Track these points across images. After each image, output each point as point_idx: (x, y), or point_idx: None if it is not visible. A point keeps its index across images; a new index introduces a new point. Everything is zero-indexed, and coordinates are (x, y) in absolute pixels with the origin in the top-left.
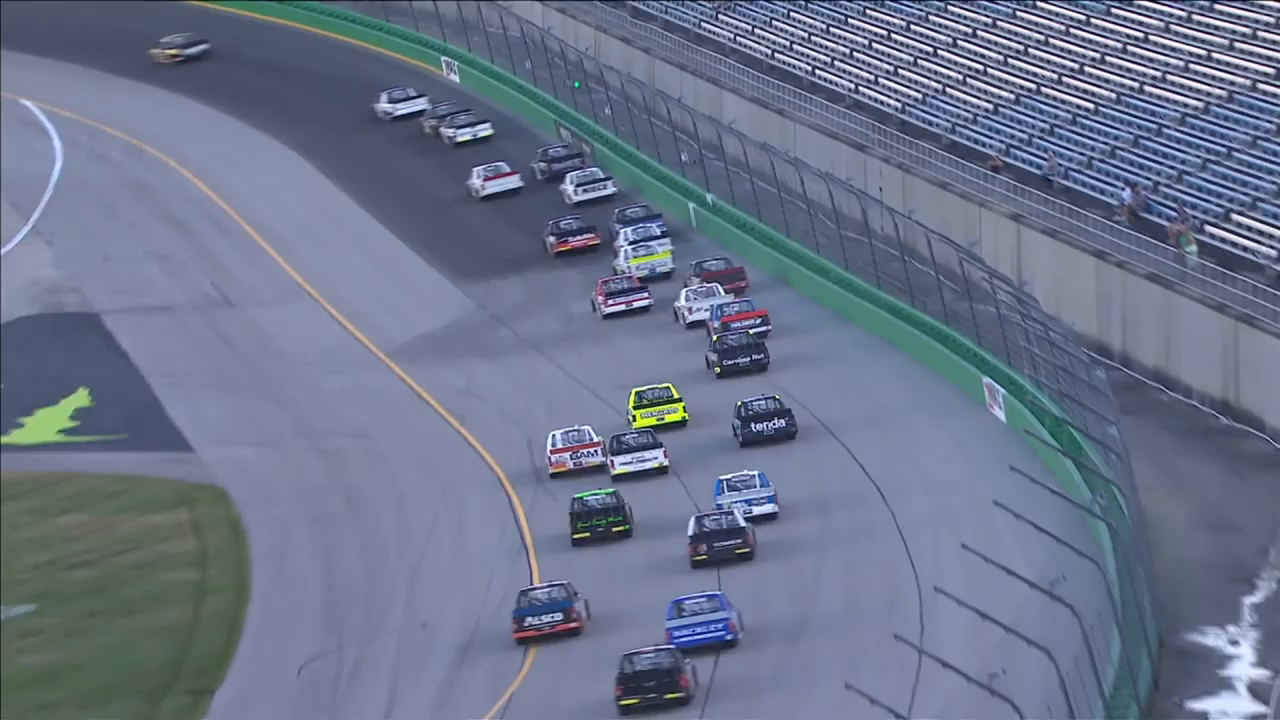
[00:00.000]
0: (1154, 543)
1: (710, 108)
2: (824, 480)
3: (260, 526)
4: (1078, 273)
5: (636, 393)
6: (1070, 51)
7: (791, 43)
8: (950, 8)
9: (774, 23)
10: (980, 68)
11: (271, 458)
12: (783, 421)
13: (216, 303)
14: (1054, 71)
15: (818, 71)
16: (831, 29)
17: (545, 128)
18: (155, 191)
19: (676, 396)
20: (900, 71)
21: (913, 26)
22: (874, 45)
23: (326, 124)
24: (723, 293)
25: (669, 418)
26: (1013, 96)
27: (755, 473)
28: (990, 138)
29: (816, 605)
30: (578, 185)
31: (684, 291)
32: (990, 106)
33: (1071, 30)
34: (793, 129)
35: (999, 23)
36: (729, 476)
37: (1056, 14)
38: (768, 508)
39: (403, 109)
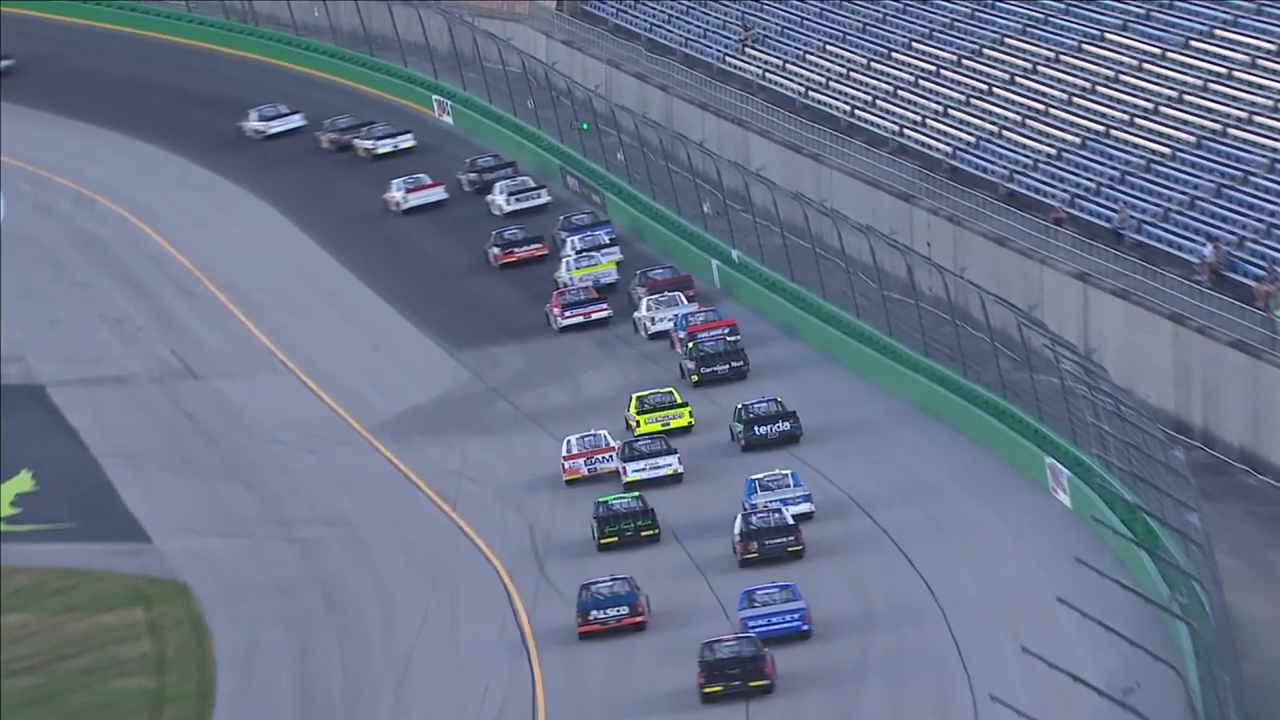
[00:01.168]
0: (1241, 645)
1: (736, 152)
2: (861, 569)
3: (226, 626)
4: (1152, 339)
5: (638, 398)
6: (1144, 90)
7: (828, 79)
8: (1008, 40)
9: (808, 57)
10: (1041, 108)
11: (239, 548)
12: (787, 424)
13: (178, 373)
14: (1125, 112)
15: (857, 112)
16: (873, 64)
17: (551, 175)
18: (109, 247)
19: (680, 401)
20: (951, 112)
21: (965, 62)
22: (921, 82)
23: (301, 173)
24: (685, 301)
25: (675, 423)
26: (1078, 140)
27: (788, 472)
28: (1053, 187)
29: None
30: (509, 195)
31: (645, 301)
32: (1053, 151)
33: (1145, 66)
34: (829, 176)
35: (1062, 57)
36: (760, 476)
37: (1129, 48)
38: (804, 507)
39: (276, 127)
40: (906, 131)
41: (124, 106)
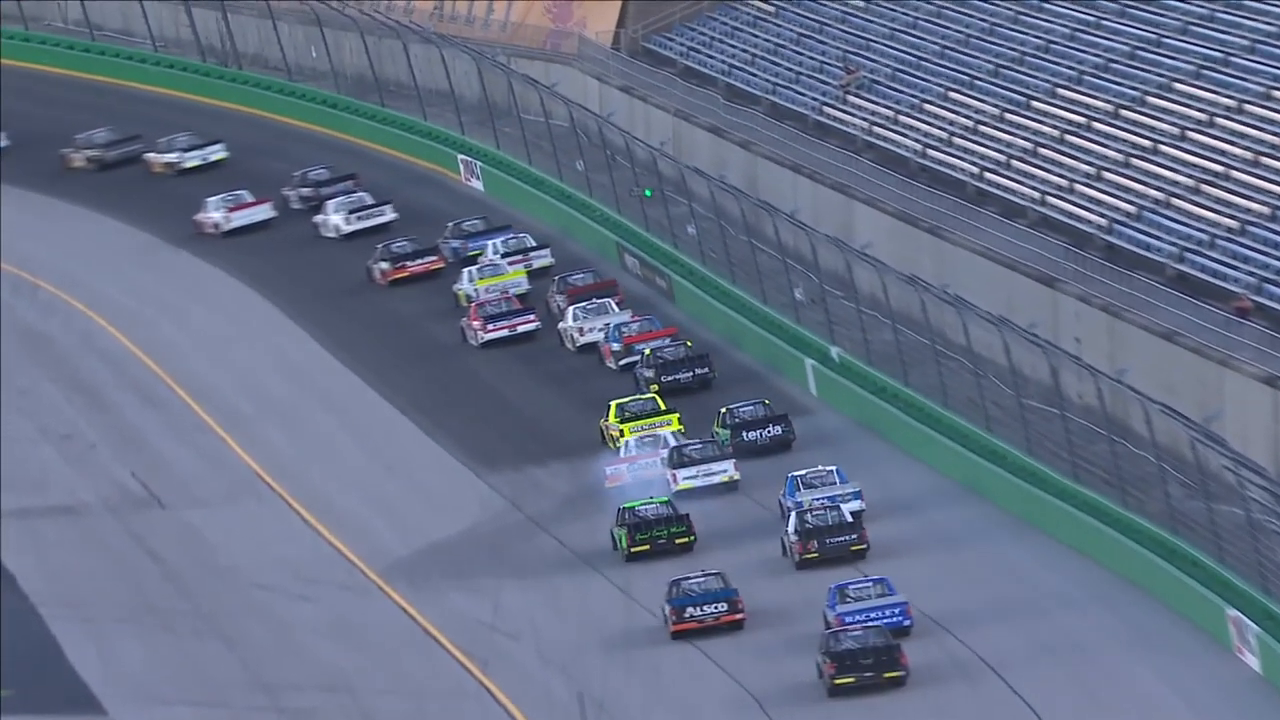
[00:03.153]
0: None
1: (836, 225)
2: None
3: None
4: None
5: (618, 405)
6: None
7: (951, 135)
8: (1177, 86)
9: (926, 106)
10: (1221, 169)
11: None
12: (778, 428)
13: (139, 501)
14: None
15: (987, 175)
16: (1007, 115)
17: (606, 253)
18: (55, 344)
19: (665, 407)
20: (1106, 175)
21: (1124, 112)
22: (1067, 138)
23: (291, 249)
24: (617, 308)
25: (663, 431)
26: (1267, 211)
27: (832, 467)
28: (1235, 269)
29: None
30: (348, 213)
31: (570, 310)
32: (1234, 225)
33: None
34: (951, 254)
35: (1247, 106)
36: (802, 473)
37: None
38: (855, 505)
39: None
40: (1050, 199)
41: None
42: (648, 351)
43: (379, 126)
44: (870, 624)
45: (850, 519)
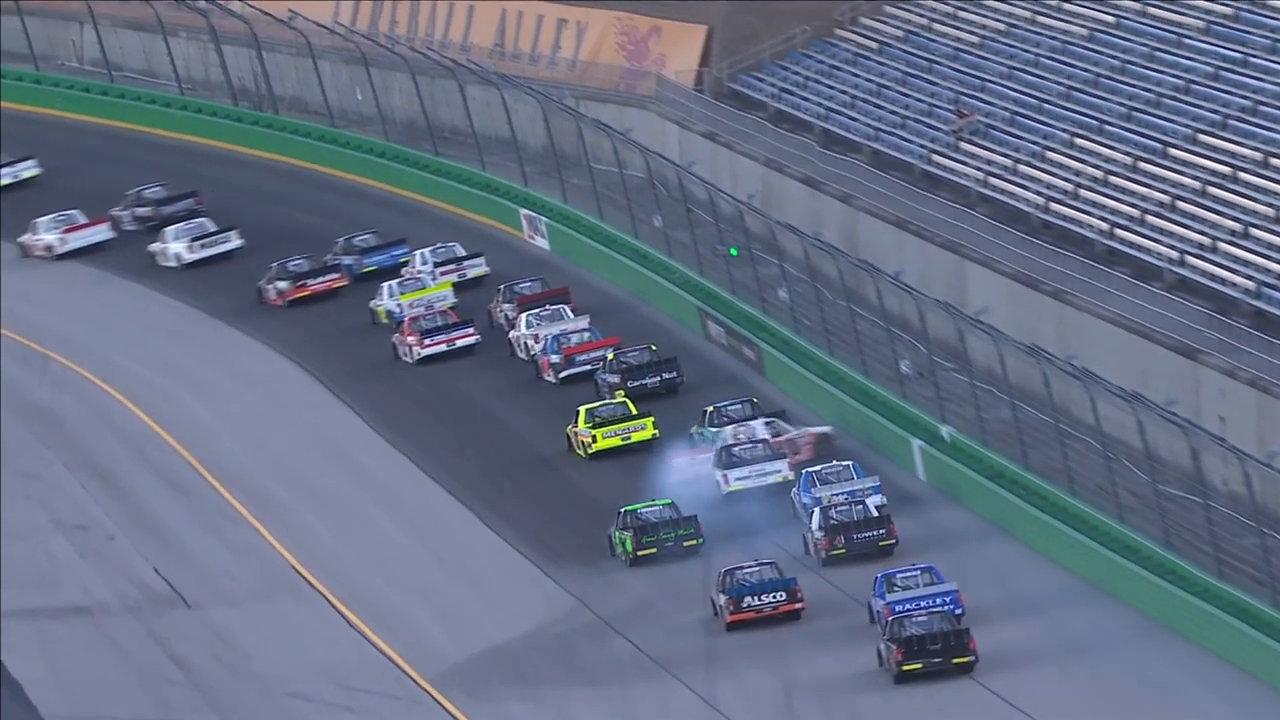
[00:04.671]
0: None
1: (947, 289)
2: None
3: None
4: None
5: (588, 410)
6: None
7: (1077, 187)
8: None
9: (1049, 154)
10: None
11: None
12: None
13: (162, 600)
14: None
15: (1118, 232)
16: (1141, 165)
17: (687, 321)
18: (68, 423)
19: (637, 411)
20: (1253, 232)
21: (1275, 160)
22: (1210, 190)
23: (328, 312)
24: (571, 314)
25: (636, 436)
26: None
27: (848, 463)
28: None
29: None
30: (191, 241)
31: (523, 318)
32: None
33: None
34: (1078, 322)
35: None
36: (817, 469)
37: None
38: (876, 499)
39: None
40: (1189, 259)
41: None
42: (610, 356)
43: (432, 178)
44: (934, 609)
45: (876, 513)
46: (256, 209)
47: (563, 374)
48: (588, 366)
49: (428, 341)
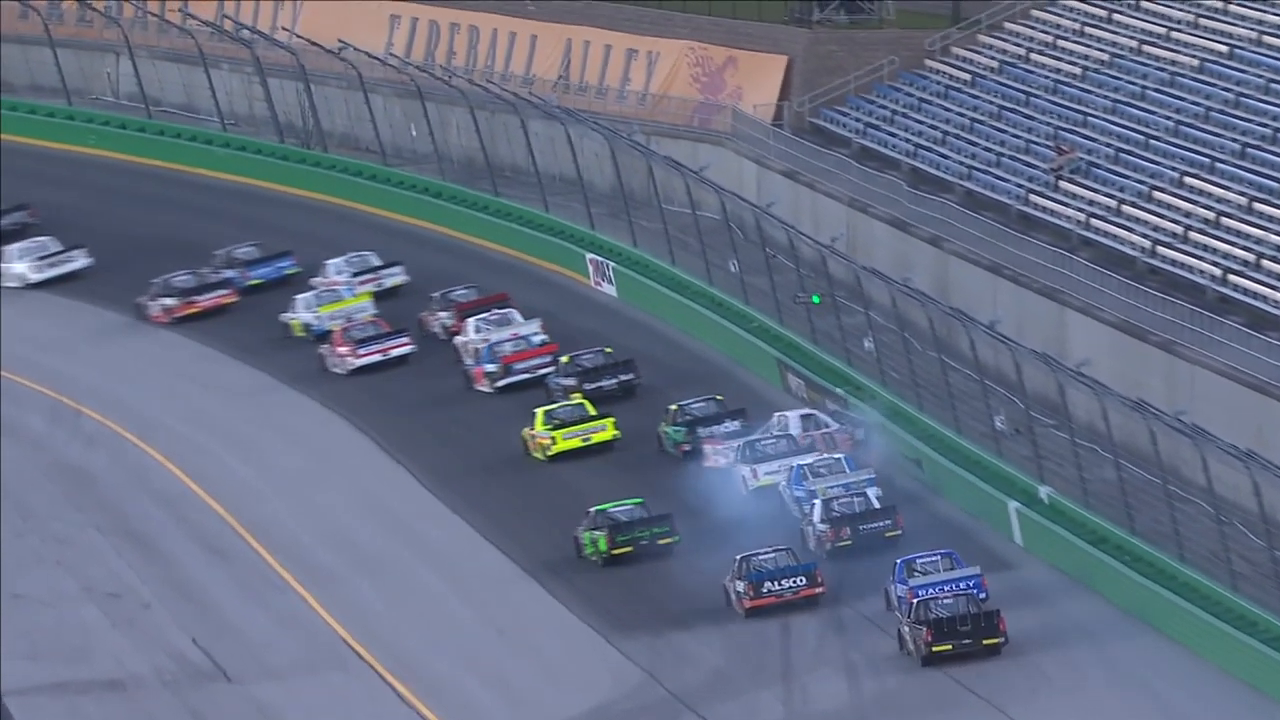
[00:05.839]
0: None
1: (1045, 338)
2: None
3: None
4: None
5: (545, 412)
6: None
7: (1187, 229)
8: None
9: (1156, 194)
10: None
11: None
12: (735, 424)
13: (202, 673)
14: None
15: (1231, 277)
16: (1256, 205)
17: (765, 374)
18: (101, 483)
19: (596, 413)
20: None
21: None
22: None
23: (381, 368)
24: (521, 319)
25: (596, 437)
26: None
27: (839, 456)
28: None
29: None
30: (35, 260)
31: (472, 323)
32: None
33: None
34: (1189, 375)
35: None
36: (809, 461)
37: None
38: (874, 491)
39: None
40: None
41: (123, 273)
42: (565, 359)
43: (491, 219)
44: (960, 592)
45: (878, 505)
46: (301, 249)
47: (500, 383)
48: (526, 375)
49: (361, 352)
